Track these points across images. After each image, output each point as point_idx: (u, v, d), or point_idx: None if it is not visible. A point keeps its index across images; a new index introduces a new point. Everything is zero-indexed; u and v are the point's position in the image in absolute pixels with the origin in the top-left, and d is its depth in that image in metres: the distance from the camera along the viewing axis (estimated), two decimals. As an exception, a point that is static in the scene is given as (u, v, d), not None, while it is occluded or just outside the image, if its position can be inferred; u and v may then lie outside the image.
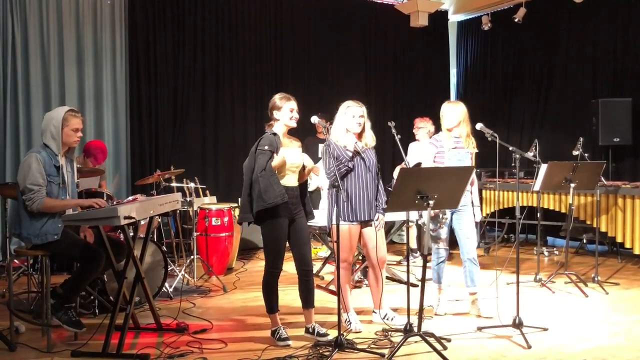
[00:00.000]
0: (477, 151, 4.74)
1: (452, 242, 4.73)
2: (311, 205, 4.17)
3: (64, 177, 3.92)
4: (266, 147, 3.86)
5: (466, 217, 4.60)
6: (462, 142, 4.63)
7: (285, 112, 3.98)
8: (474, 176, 4.71)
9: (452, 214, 4.60)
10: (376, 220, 4.27)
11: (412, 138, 6.86)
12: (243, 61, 8.05)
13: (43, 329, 4.09)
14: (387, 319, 4.37)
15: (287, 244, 4.05)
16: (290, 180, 3.99)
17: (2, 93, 6.53)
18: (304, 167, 4.08)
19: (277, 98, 4.02)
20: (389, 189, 6.74)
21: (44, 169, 3.80)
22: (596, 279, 5.56)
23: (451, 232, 4.68)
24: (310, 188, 7.07)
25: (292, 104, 4.01)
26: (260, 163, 3.84)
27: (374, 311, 4.49)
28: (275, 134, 3.97)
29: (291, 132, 4.15)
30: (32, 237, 3.83)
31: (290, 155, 3.97)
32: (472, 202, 4.67)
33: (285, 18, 8.39)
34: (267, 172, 3.82)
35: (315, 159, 6.65)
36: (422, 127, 6.64)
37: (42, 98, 6.77)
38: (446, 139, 4.63)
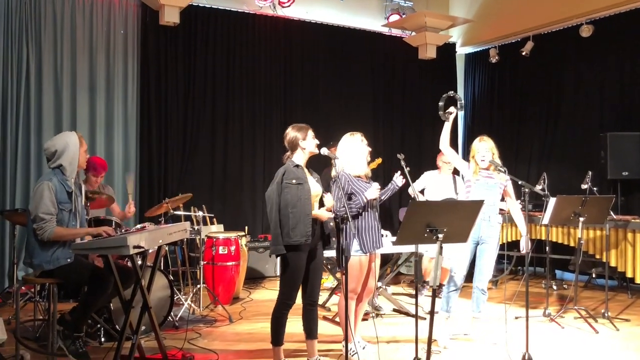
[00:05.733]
0: (508, 181, 4.80)
1: (469, 275, 4.78)
2: (330, 234, 4.12)
3: (75, 203, 3.95)
4: (294, 181, 3.86)
5: (490, 249, 4.71)
6: (493, 174, 4.74)
7: (310, 139, 3.98)
8: (517, 205, 4.89)
9: (476, 244, 4.70)
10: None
11: (433, 167, 6.80)
12: (252, 91, 8.13)
13: (48, 358, 4.07)
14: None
15: None
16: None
17: (14, 120, 6.61)
18: (321, 199, 4.06)
19: (297, 128, 3.98)
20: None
21: (56, 196, 3.82)
22: (606, 314, 5.48)
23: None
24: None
25: (312, 132, 4.03)
26: (288, 198, 3.83)
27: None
28: (298, 166, 3.96)
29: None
30: (44, 264, 3.83)
31: (313, 186, 3.97)
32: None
33: (294, 50, 8.48)
34: (299, 210, 3.81)
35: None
36: (449, 163, 6.38)
37: (54, 125, 6.84)
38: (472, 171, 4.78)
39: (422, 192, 6.82)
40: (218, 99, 7.90)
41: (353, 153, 4.31)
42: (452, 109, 4.78)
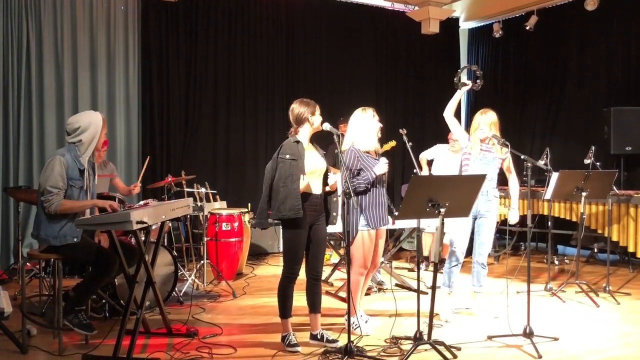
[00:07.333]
0: (508, 155, 4.76)
1: (468, 250, 4.79)
2: (336, 210, 4.10)
3: (86, 180, 3.96)
4: (287, 156, 3.85)
5: (488, 223, 4.71)
6: (492, 148, 4.70)
7: (318, 115, 3.97)
8: (515, 179, 4.88)
9: (475, 218, 4.69)
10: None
11: (435, 142, 6.89)
12: (254, 67, 8.09)
13: (54, 332, 4.12)
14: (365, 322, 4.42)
15: None
16: (314, 187, 3.96)
17: (16, 98, 6.60)
18: (326, 173, 4.05)
19: (305, 104, 3.96)
20: None
21: (67, 172, 3.83)
22: (607, 288, 5.51)
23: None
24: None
25: (318, 108, 4.01)
26: (281, 172, 3.84)
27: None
28: (298, 142, 3.93)
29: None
30: (50, 239, 3.85)
31: (314, 161, 3.96)
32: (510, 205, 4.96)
33: (296, 25, 8.42)
34: (289, 184, 3.80)
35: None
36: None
37: (55, 103, 6.84)
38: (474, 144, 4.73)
39: (430, 162, 6.87)
40: (220, 75, 7.86)
41: (364, 128, 4.28)
42: (467, 81, 4.77)
